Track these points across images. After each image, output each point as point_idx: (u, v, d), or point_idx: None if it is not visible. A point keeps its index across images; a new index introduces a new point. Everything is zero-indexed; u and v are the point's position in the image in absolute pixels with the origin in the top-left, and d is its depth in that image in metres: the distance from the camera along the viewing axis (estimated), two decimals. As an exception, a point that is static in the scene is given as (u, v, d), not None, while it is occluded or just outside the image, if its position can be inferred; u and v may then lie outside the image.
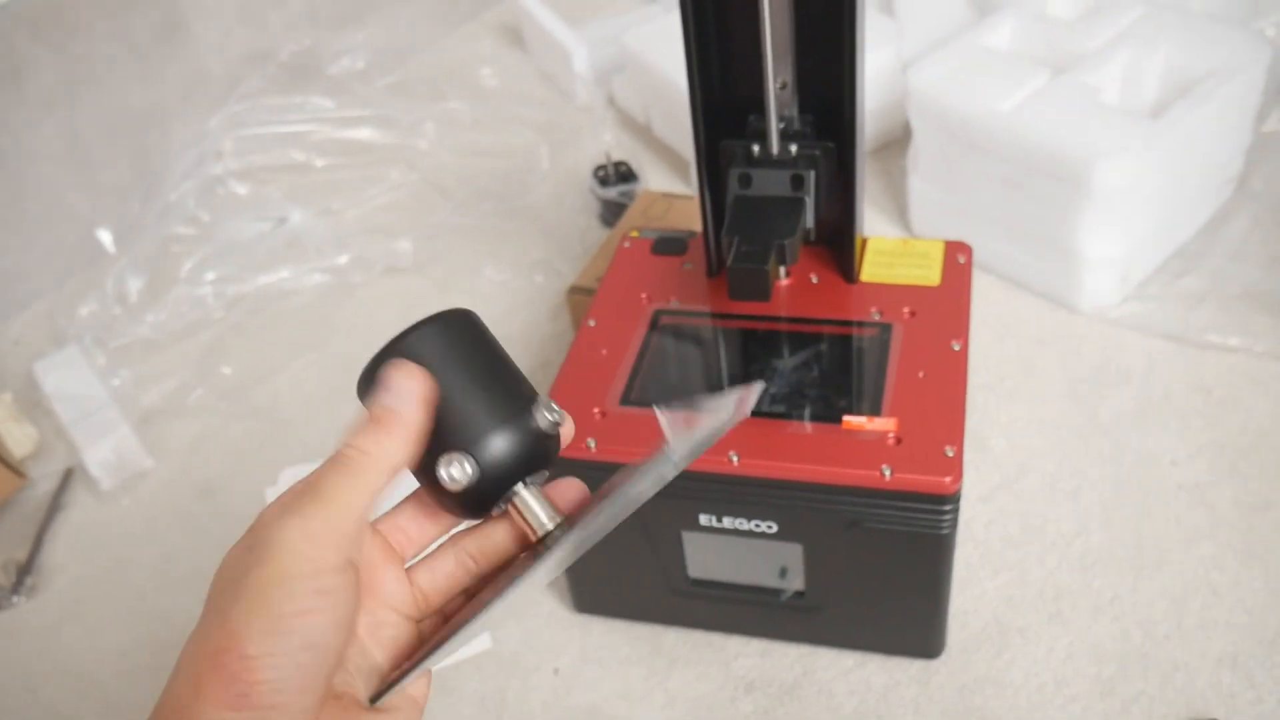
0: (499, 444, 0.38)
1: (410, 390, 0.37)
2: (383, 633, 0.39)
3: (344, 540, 0.35)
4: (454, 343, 0.39)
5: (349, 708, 0.36)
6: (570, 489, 0.42)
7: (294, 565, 0.33)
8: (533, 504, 0.40)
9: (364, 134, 1.43)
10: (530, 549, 0.41)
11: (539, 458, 0.39)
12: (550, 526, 0.40)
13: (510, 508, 0.40)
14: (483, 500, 0.39)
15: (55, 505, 1.04)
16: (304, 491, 0.35)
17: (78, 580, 0.98)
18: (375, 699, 0.37)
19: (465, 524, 0.42)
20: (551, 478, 0.42)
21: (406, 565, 0.41)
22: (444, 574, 0.41)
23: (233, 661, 0.32)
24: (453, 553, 0.41)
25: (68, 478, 1.07)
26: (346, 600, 0.35)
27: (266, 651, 0.32)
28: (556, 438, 0.40)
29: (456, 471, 0.38)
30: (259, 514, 0.35)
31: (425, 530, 0.41)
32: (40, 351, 1.19)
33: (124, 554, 1.00)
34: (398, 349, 0.38)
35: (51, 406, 1.11)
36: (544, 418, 0.39)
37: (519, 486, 0.39)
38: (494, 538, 0.42)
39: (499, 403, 0.39)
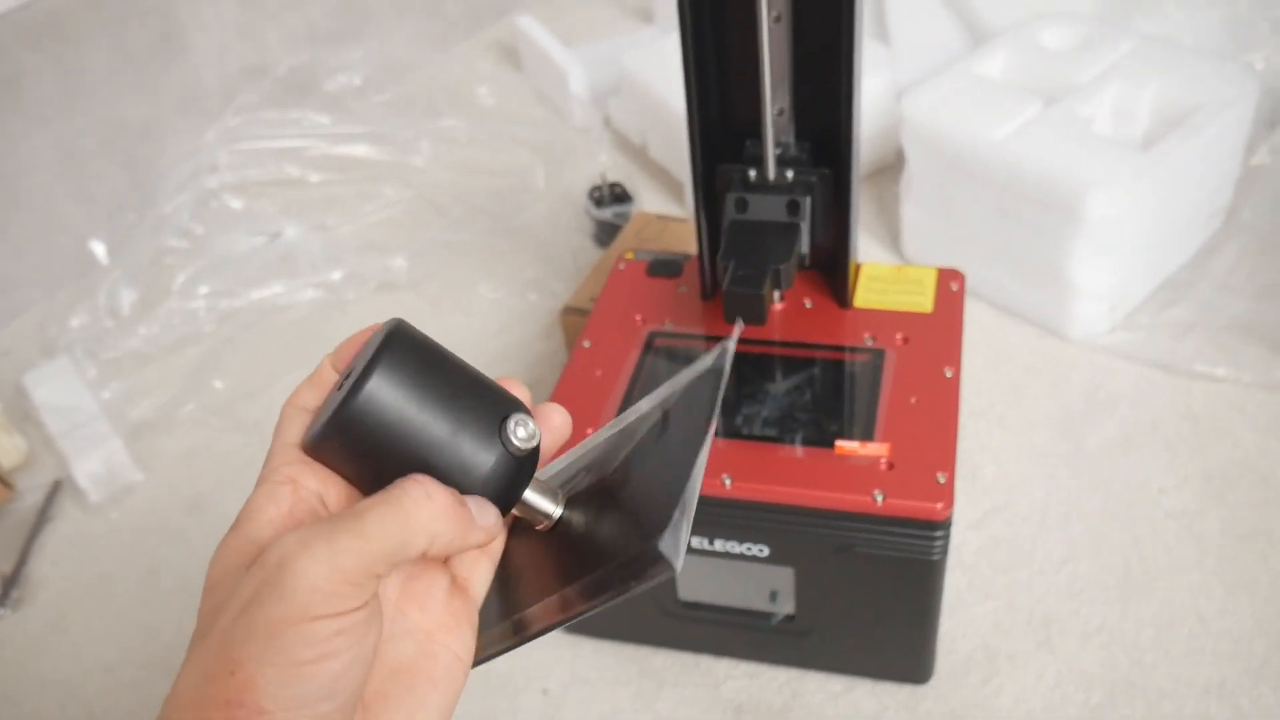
0: (493, 480, 0.37)
1: (491, 516, 0.36)
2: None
3: (371, 580, 0.32)
4: (414, 381, 0.36)
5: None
6: (552, 415, 0.40)
7: (314, 605, 0.30)
8: (540, 501, 0.39)
9: (359, 150, 1.44)
10: (541, 537, 0.40)
11: (529, 472, 0.38)
12: (557, 512, 0.40)
13: (520, 510, 0.39)
14: (511, 499, 0.38)
15: (43, 517, 1.04)
16: (339, 521, 0.32)
17: (64, 593, 0.98)
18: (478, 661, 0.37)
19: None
20: None
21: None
22: (482, 574, 0.40)
23: (248, 718, 0.30)
24: (477, 552, 0.40)
25: (56, 490, 1.06)
26: (368, 636, 0.32)
27: (284, 706, 0.30)
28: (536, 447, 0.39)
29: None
30: (274, 533, 0.33)
31: (483, 567, 0.40)
32: (30, 362, 1.19)
33: (111, 567, 0.99)
34: (356, 412, 0.35)
35: (41, 418, 1.10)
36: (517, 435, 0.38)
37: (529, 489, 0.39)
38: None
39: (478, 436, 0.37)
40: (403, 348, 0.36)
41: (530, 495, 0.39)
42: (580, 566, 0.38)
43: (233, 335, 1.21)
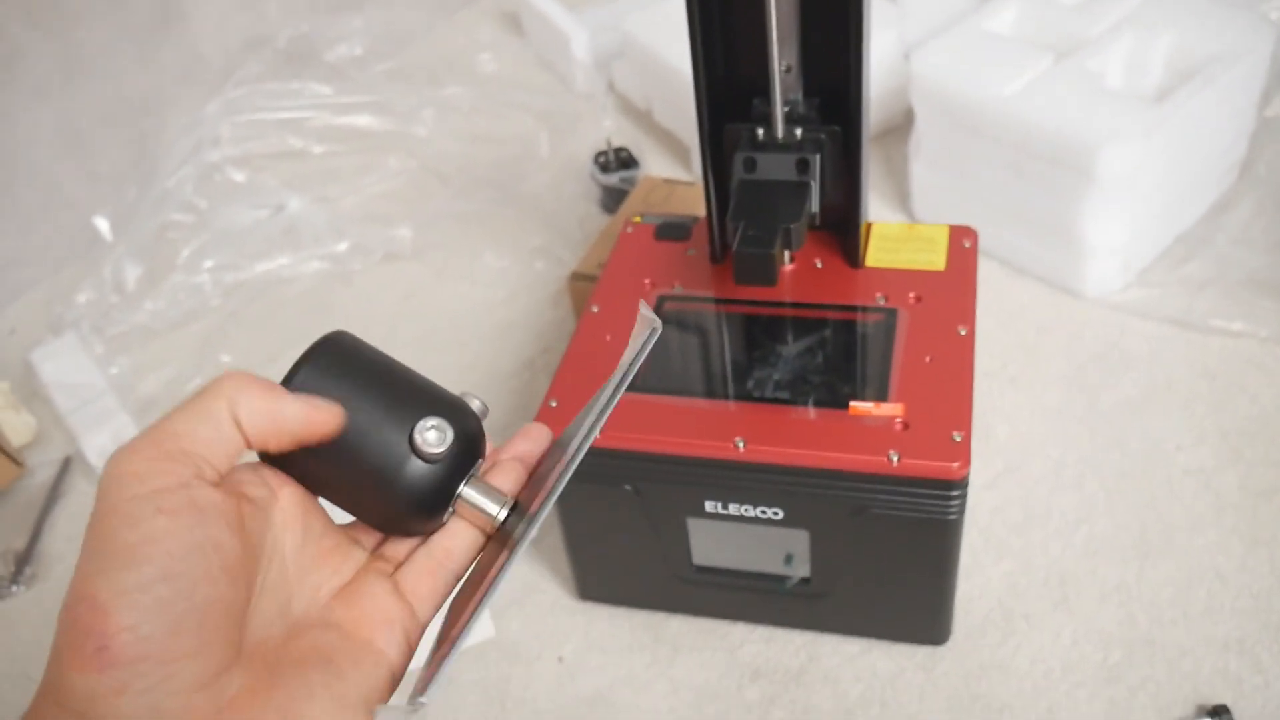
0: (457, 418, 0.38)
1: (314, 400, 0.36)
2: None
3: (181, 456, 0.32)
4: (340, 383, 0.38)
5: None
6: (504, 470, 0.41)
7: (126, 489, 0.30)
8: (480, 498, 0.39)
9: (362, 120, 1.42)
10: (492, 538, 0.40)
11: (480, 442, 0.40)
12: (502, 513, 0.40)
13: (459, 510, 0.40)
14: (436, 503, 0.39)
15: (54, 494, 1.03)
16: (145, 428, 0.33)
17: None
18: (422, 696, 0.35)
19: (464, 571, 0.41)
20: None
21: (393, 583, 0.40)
22: (428, 582, 0.40)
23: (84, 614, 0.29)
24: (428, 560, 0.40)
25: (66, 466, 1.06)
26: (200, 519, 0.31)
27: (117, 592, 0.29)
28: (481, 428, 0.40)
29: (435, 435, 0.37)
30: None
31: (433, 579, 0.40)
32: (37, 339, 1.19)
33: (123, 543, 0.99)
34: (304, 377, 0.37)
35: (49, 395, 1.10)
36: (476, 403, 0.40)
37: (461, 488, 0.39)
38: (455, 537, 0.40)
39: (431, 387, 0.39)
40: (332, 352, 0.38)
41: (468, 492, 0.39)
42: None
43: (238, 309, 1.21)
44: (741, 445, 0.70)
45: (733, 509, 0.73)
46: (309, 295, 1.21)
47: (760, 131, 0.77)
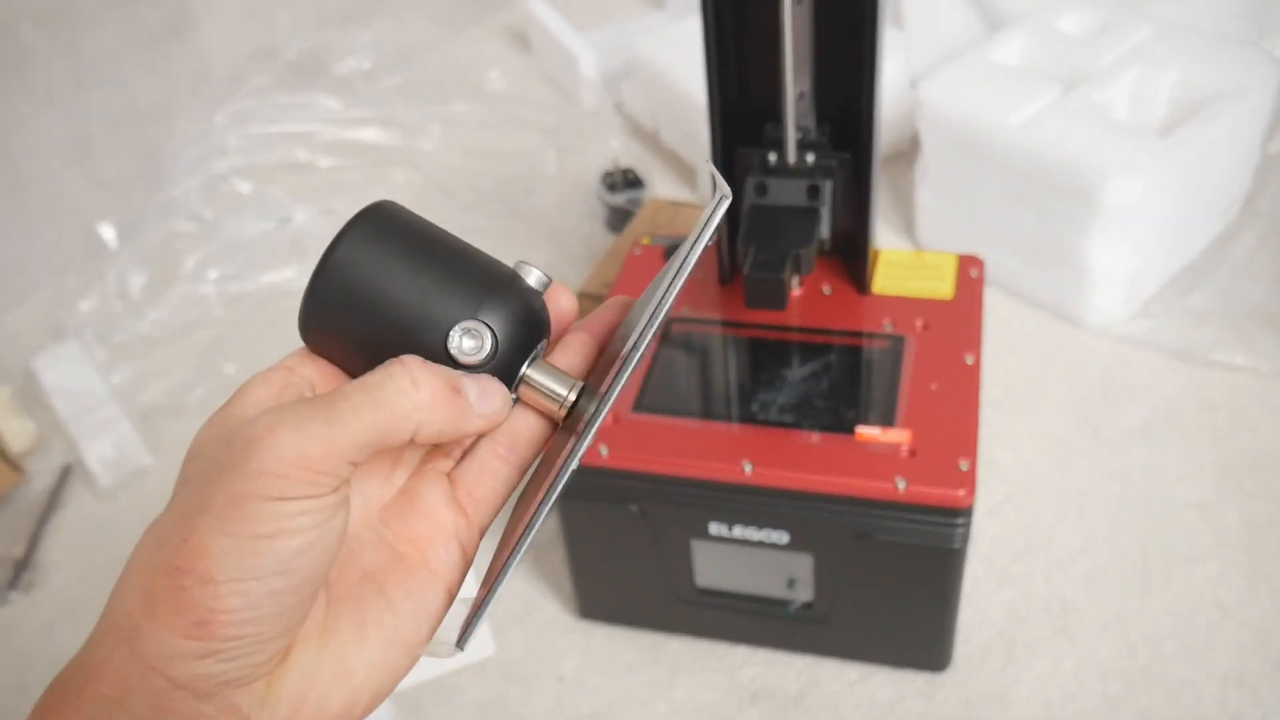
0: (502, 306, 0.34)
1: (497, 398, 0.34)
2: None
3: (342, 466, 0.30)
4: (403, 230, 0.35)
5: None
6: (559, 294, 0.38)
7: (274, 488, 0.29)
8: (545, 379, 0.36)
9: (369, 134, 1.43)
10: (561, 425, 0.37)
11: (541, 321, 0.36)
12: (570, 395, 0.36)
13: (522, 394, 0.36)
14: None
15: (53, 501, 1.03)
16: (314, 406, 0.31)
17: (75, 577, 0.97)
18: (462, 640, 0.34)
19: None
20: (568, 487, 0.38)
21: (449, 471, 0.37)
22: (488, 483, 0.37)
23: (194, 585, 0.28)
24: (490, 456, 0.37)
25: (66, 474, 1.06)
26: (334, 520, 0.31)
27: (234, 576, 0.29)
28: (544, 304, 0.37)
29: (471, 341, 0.34)
30: (258, 413, 0.31)
31: (494, 479, 0.37)
32: (40, 346, 1.19)
33: (122, 551, 0.98)
34: (346, 251, 0.34)
35: (50, 401, 1.10)
36: (533, 275, 0.36)
37: (524, 368, 0.36)
38: (518, 425, 0.37)
39: (477, 267, 0.35)
40: (379, 221, 0.35)
41: (530, 375, 0.36)
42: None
43: (242, 320, 1.21)
44: (749, 468, 0.70)
45: (738, 532, 0.74)
46: (313, 307, 1.21)
47: (772, 156, 0.78)
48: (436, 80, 1.53)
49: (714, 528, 0.74)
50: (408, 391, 0.31)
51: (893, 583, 0.74)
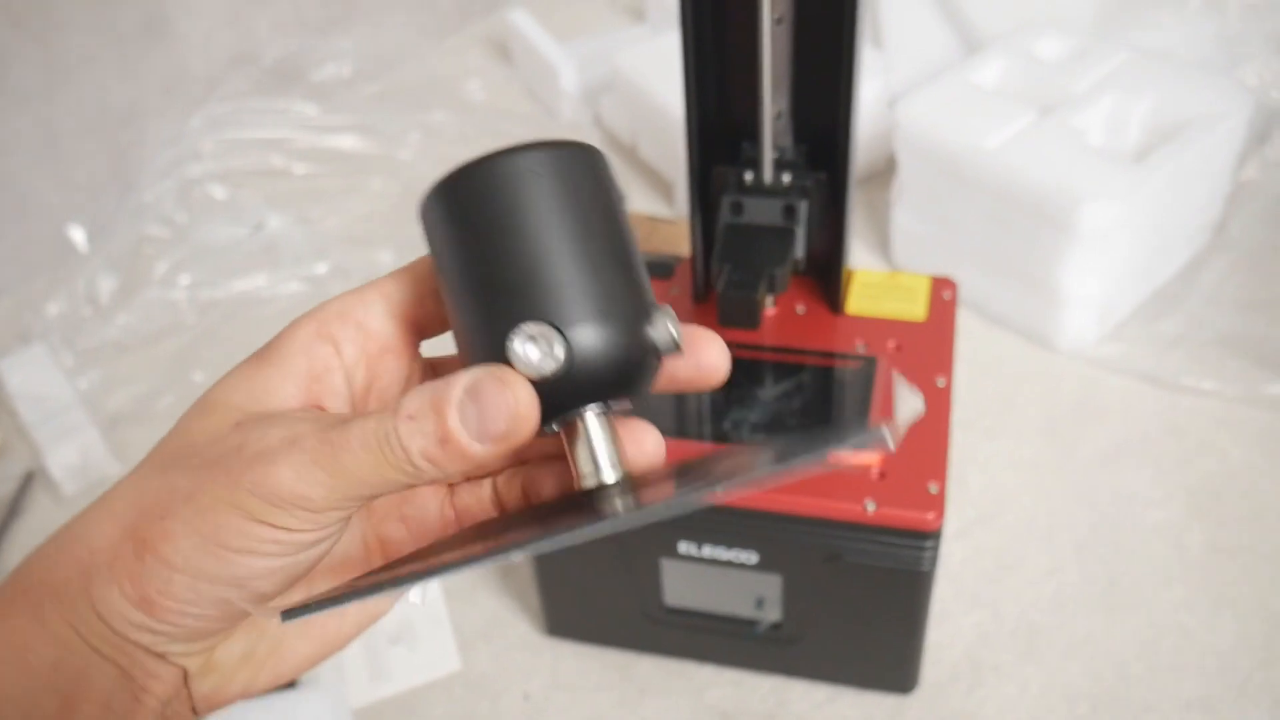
0: (596, 333, 0.29)
1: (501, 420, 0.29)
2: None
3: (335, 514, 0.30)
4: (579, 185, 0.29)
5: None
6: (644, 436, 0.33)
7: (264, 511, 0.29)
8: (597, 440, 0.30)
9: (346, 142, 1.42)
10: (568, 496, 0.33)
11: (636, 378, 0.30)
12: (610, 479, 0.31)
13: (565, 432, 0.31)
14: (547, 410, 0.29)
15: (14, 509, 1.02)
16: (323, 449, 0.29)
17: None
18: (291, 614, 0.29)
19: None
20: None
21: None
22: (482, 493, 0.36)
23: (151, 563, 0.29)
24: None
25: (28, 481, 1.04)
26: (304, 557, 0.31)
27: (189, 572, 0.29)
28: (660, 362, 0.31)
29: (536, 352, 0.29)
30: (278, 410, 0.30)
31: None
32: (5, 349, 1.17)
33: (85, 560, 0.97)
34: (499, 166, 0.28)
35: (14, 406, 1.08)
36: (664, 328, 0.30)
37: (590, 409, 0.30)
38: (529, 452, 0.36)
39: (612, 280, 0.29)
40: (583, 164, 0.30)
41: (600, 425, 0.30)
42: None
43: (213, 327, 1.19)
44: (719, 488, 0.70)
45: (707, 551, 0.73)
46: (285, 316, 1.19)
47: (748, 175, 0.78)
48: (416, 89, 1.53)
49: (683, 546, 0.74)
50: (413, 439, 0.29)
51: (861, 604, 0.74)
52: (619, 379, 0.30)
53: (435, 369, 0.37)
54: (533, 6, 1.58)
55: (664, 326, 0.30)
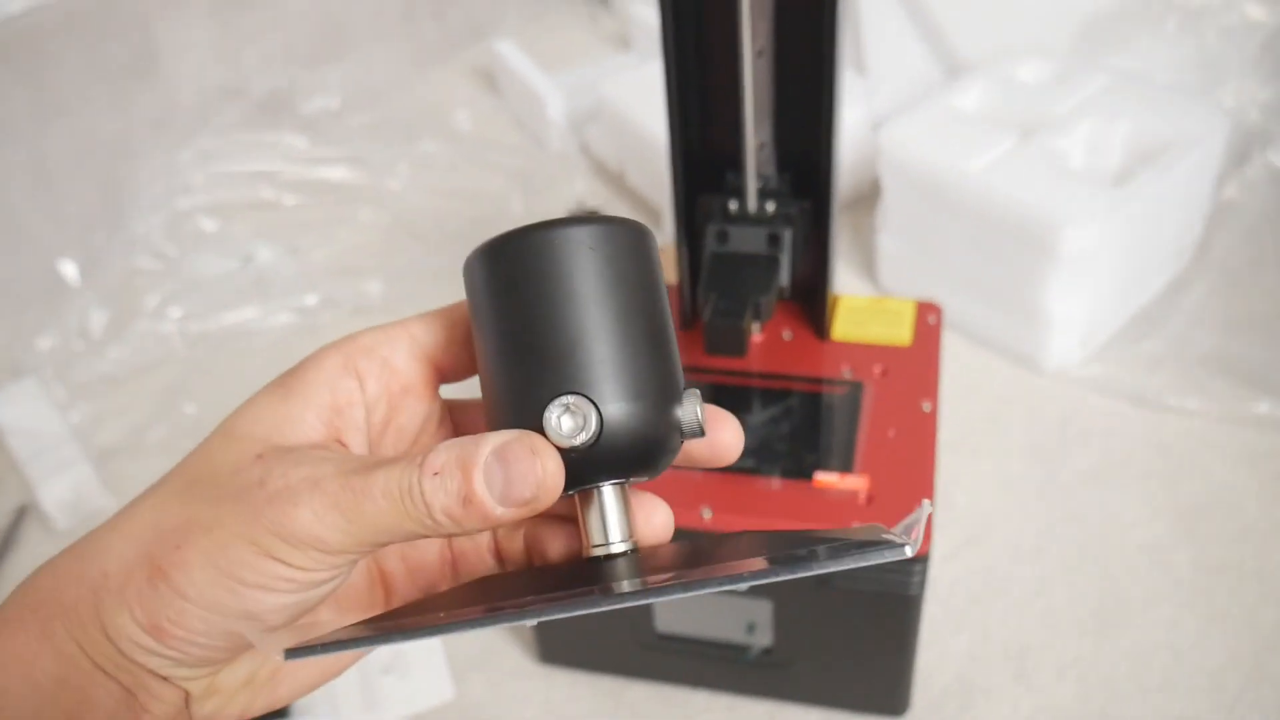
0: (629, 412, 0.29)
1: (527, 487, 0.29)
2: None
3: (349, 558, 0.30)
4: (626, 263, 0.30)
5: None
6: (655, 510, 0.34)
7: (280, 549, 0.29)
8: (611, 511, 0.31)
9: (335, 173, 1.43)
10: (574, 562, 0.33)
11: (659, 457, 0.31)
12: (619, 550, 0.31)
13: (580, 498, 0.32)
14: (569, 479, 0.30)
15: (6, 544, 1.02)
16: (343, 495, 0.29)
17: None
18: (295, 653, 0.29)
19: None
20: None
21: None
22: (481, 540, 0.36)
23: (165, 591, 0.29)
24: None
25: (20, 516, 1.04)
26: (315, 593, 0.31)
27: (202, 604, 0.29)
28: (682, 442, 0.32)
29: (571, 424, 0.29)
30: (302, 444, 0.31)
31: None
32: (-4, 384, 1.17)
33: (77, 595, 0.97)
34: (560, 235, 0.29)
35: (6, 441, 1.09)
36: (691, 412, 0.31)
37: (609, 481, 0.31)
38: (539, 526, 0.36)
39: (649, 361, 0.30)
40: (632, 241, 0.30)
41: (615, 496, 0.31)
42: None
43: (204, 359, 1.20)
44: (708, 514, 0.70)
45: (697, 578, 0.74)
46: (276, 348, 1.21)
47: (733, 204, 0.79)
48: (404, 120, 1.54)
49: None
50: (435, 495, 0.29)
51: (851, 629, 0.74)
52: (643, 457, 0.31)
53: (454, 412, 0.37)
54: (519, 37, 1.59)
55: (692, 410, 0.31)
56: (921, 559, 0.68)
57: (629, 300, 0.30)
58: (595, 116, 1.40)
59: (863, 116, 1.24)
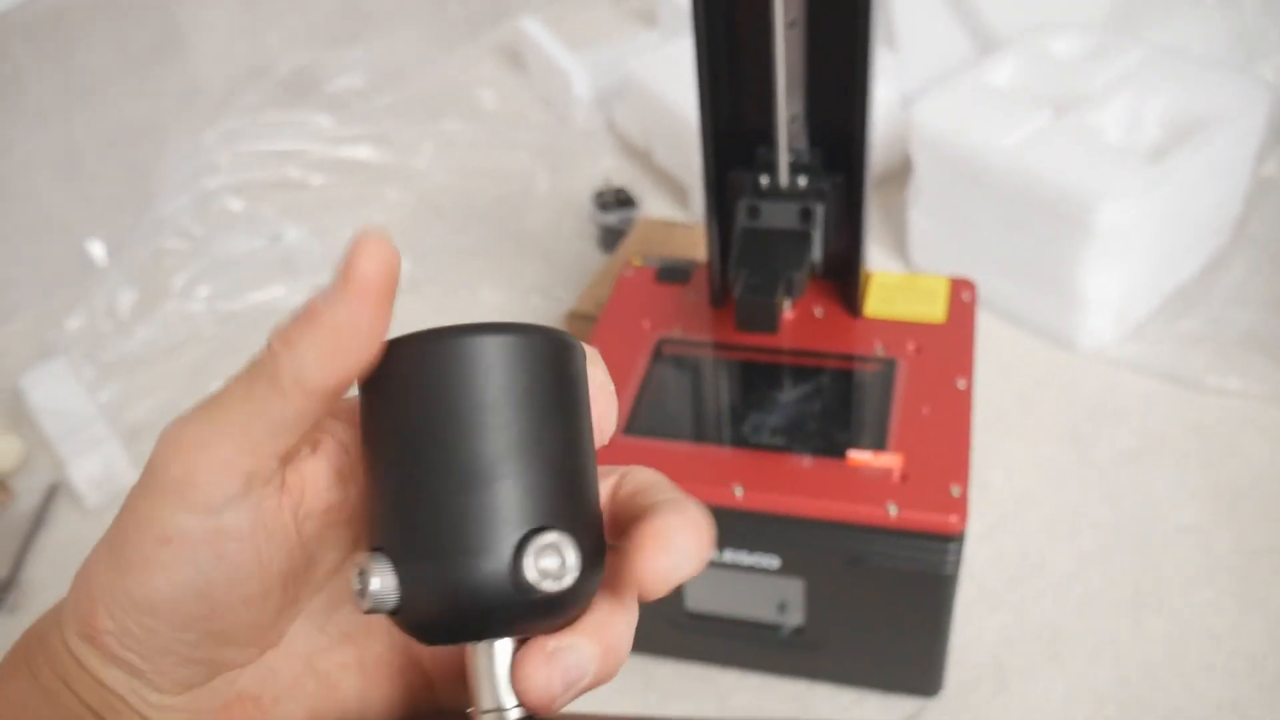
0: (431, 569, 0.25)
1: (370, 268, 0.25)
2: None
3: (213, 483, 0.26)
4: (557, 381, 0.26)
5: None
6: (555, 662, 0.28)
7: (149, 509, 0.27)
8: (498, 668, 0.27)
9: (361, 153, 1.42)
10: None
11: (529, 613, 0.26)
12: (511, 714, 0.27)
13: (469, 652, 0.27)
14: (456, 630, 0.27)
15: (39, 520, 1.02)
16: (203, 408, 0.26)
17: (60, 597, 0.96)
18: None
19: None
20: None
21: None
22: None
23: (82, 595, 0.28)
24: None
25: (52, 493, 1.05)
26: (206, 558, 0.27)
27: (104, 600, 0.28)
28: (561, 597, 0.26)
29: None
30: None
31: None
32: (27, 364, 1.18)
33: (108, 573, 0.98)
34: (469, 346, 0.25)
35: (37, 420, 1.09)
36: (540, 567, 0.25)
37: (494, 643, 0.27)
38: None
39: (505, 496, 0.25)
40: (546, 350, 0.26)
41: (502, 652, 0.27)
42: None
43: (232, 338, 1.20)
44: (740, 492, 0.69)
45: (728, 556, 0.73)
46: (303, 326, 1.21)
47: (764, 179, 0.78)
48: (429, 99, 1.53)
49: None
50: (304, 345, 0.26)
51: (884, 608, 0.73)
52: (514, 614, 0.26)
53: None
54: (544, 14, 1.58)
55: (543, 561, 0.26)
56: (957, 538, 0.67)
57: (558, 408, 0.27)
58: (621, 93, 1.39)
59: (893, 93, 1.22)
